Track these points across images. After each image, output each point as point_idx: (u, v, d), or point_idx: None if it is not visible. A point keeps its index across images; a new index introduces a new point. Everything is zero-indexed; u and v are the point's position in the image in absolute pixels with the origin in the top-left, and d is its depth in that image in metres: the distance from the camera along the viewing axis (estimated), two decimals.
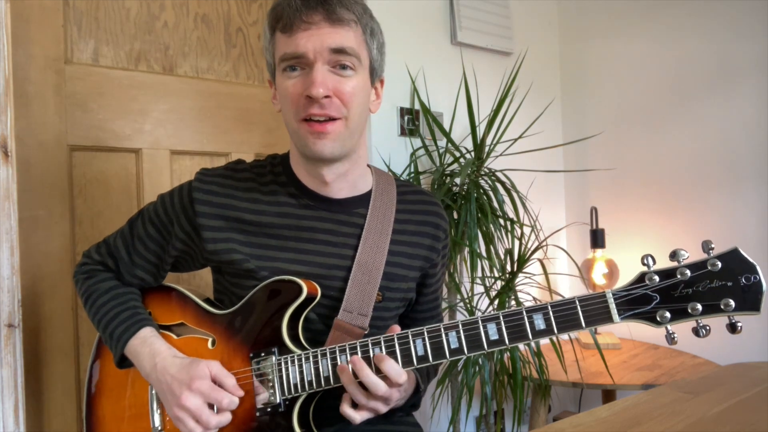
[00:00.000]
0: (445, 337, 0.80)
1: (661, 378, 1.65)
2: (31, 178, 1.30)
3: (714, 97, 1.98)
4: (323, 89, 0.83)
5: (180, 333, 0.98)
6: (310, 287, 0.89)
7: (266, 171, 0.99)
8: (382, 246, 0.95)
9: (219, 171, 0.98)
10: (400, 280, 0.98)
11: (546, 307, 0.77)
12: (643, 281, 0.73)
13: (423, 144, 1.87)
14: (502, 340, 0.78)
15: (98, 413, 1.00)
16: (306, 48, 0.84)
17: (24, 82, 1.30)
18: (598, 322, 0.75)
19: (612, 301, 0.74)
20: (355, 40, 0.87)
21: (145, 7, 1.48)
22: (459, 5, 2.00)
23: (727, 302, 0.69)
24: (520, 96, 1.92)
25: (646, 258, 0.75)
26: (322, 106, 0.85)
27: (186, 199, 0.95)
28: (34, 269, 1.30)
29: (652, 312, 0.72)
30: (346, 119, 0.87)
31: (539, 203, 2.07)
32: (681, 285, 0.71)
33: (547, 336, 0.77)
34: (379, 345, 0.83)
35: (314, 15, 0.83)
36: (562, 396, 2.33)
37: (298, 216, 0.94)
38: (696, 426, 0.79)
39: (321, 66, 0.84)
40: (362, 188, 0.99)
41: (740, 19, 1.90)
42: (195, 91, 1.54)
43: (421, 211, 1.02)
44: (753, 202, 1.89)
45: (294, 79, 0.86)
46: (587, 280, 2.10)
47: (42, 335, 1.31)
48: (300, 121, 0.87)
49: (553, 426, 0.82)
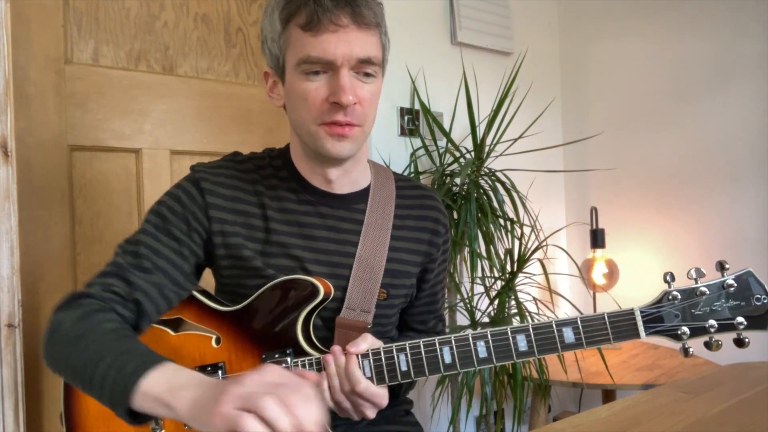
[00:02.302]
0: (473, 346, 0.81)
1: (661, 378, 1.65)
2: (31, 178, 1.30)
3: (714, 97, 1.98)
4: (352, 96, 0.82)
5: (178, 329, 0.96)
6: (326, 287, 0.88)
7: (266, 164, 0.97)
8: (383, 240, 0.94)
9: (220, 163, 0.95)
10: (403, 276, 0.97)
11: (576, 321, 0.78)
12: (667, 299, 0.78)
13: (423, 144, 1.87)
14: (532, 351, 0.79)
15: (81, 408, 0.98)
16: (335, 55, 0.81)
17: (24, 82, 1.30)
18: (624, 338, 0.78)
19: (640, 318, 0.77)
20: (377, 45, 0.86)
21: (145, 7, 1.48)
22: (459, 5, 2.00)
23: (739, 320, 0.76)
24: (520, 96, 1.92)
25: (667, 275, 0.79)
26: (347, 113, 0.83)
27: (195, 191, 0.91)
28: (34, 269, 1.30)
29: (674, 329, 0.77)
30: (363, 126, 0.87)
31: (539, 203, 2.07)
32: (700, 304, 0.77)
33: (576, 349, 0.79)
34: (403, 351, 0.82)
35: (342, 16, 0.80)
36: (562, 396, 2.33)
37: (298, 212, 0.93)
38: (696, 426, 0.79)
39: (347, 72, 0.82)
40: (362, 183, 0.98)
41: (740, 20, 1.90)
42: (195, 91, 1.54)
43: (419, 206, 1.01)
44: (752, 201, 1.89)
45: (317, 83, 0.83)
46: (587, 280, 2.10)
47: (42, 335, 1.30)
48: (320, 125, 0.85)
49: (553, 426, 0.82)
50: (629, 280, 2.13)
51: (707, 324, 0.76)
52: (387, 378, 0.82)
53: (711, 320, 0.76)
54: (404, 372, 0.82)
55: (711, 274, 0.78)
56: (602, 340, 0.78)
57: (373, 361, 0.82)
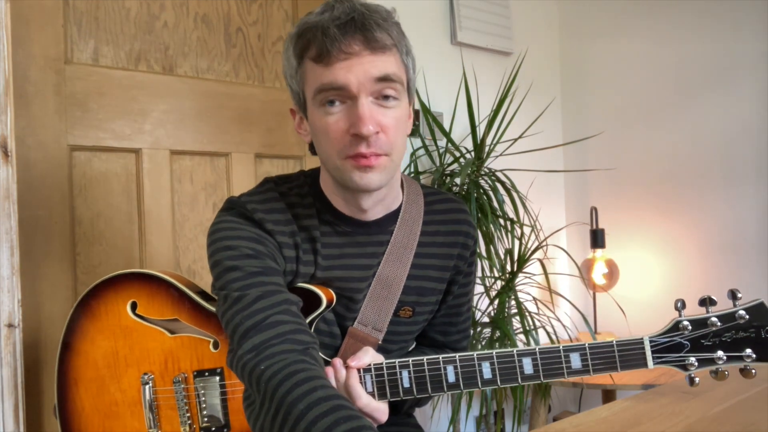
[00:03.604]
0: (478, 367, 0.80)
1: (661, 378, 1.65)
2: (31, 178, 1.30)
3: (713, 97, 1.98)
4: (373, 126, 0.77)
5: (174, 330, 0.96)
6: (328, 295, 0.87)
7: (305, 192, 0.92)
8: (405, 260, 0.92)
9: (261, 191, 0.89)
10: (430, 293, 0.95)
11: (584, 347, 0.78)
12: (677, 329, 0.77)
13: (423, 144, 1.87)
14: (537, 375, 0.79)
15: (76, 405, 0.98)
16: (348, 79, 0.76)
17: (24, 82, 1.29)
18: (632, 367, 0.77)
19: (649, 348, 0.77)
20: (396, 64, 0.80)
21: (145, 7, 1.48)
22: (459, 5, 2.00)
23: (748, 352, 0.75)
24: (520, 96, 1.92)
25: (678, 303, 0.78)
26: (369, 143, 0.78)
27: (252, 222, 0.86)
28: (34, 269, 1.30)
29: (682, 359, 0.76)
30: (391, 155, 0.81)
31: (539, 203, 2.07)
32: (710, 335, 0.76)
33: (582, 375, 0.79)
34: (407, 367, 0.81)
35: (353, 43, 0.76)
36: (562, 396, 2.33)
37: (334, 244, 0.90)
38: (696, 426, 0.79)
39: (365, 99, 0.77)
40: (394, 206, 0.94)
41: (740, 19, 1.90)
42: (195, 91, 1.54)
43: (450, 221, 0.97)
44: (752, 201, 1.89)
45: (335, 115, 0.79)
46: (587, 280, 2.10)
47: (42, 335, 1.30)
48: (344, 158, 0.80)
49: (553, 426, 0.82)
50: (629, 280, 2.13)
51: (715, 356, 0.75)
52: (389, 393, 0.81)
53: (720, 351, 0.75)
54: (407, 389, 0.81)
55: (722, 301, 0.77)
56: (609, 368, 0.77)
57: (376, 375, 0.81)
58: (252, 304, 0.78)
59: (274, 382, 0.70)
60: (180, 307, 0.97)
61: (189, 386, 0.97)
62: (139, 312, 0.99)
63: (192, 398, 0.97)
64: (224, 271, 0.81)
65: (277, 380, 0.70)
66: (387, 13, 0.81)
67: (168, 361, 0.97)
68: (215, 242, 0.84)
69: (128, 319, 0.99)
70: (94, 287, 1.02)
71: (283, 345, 0.75)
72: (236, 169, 1.61)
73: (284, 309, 0.78)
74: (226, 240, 0.83)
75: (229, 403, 0.96)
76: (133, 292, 1.00)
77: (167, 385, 0.97)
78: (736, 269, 1.94)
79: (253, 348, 0.75)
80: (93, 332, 1.00)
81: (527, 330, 1.65)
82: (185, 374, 0.97)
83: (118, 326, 0.99)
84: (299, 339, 0.77)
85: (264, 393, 0.71)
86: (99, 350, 0.99)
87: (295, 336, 0.77)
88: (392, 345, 0.95)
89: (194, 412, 0.96)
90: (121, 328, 0.99)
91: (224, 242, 0.83)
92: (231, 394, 0.96)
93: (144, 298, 0.99)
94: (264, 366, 0.72)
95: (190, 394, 0.97)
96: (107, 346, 0.99)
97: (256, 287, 0.79)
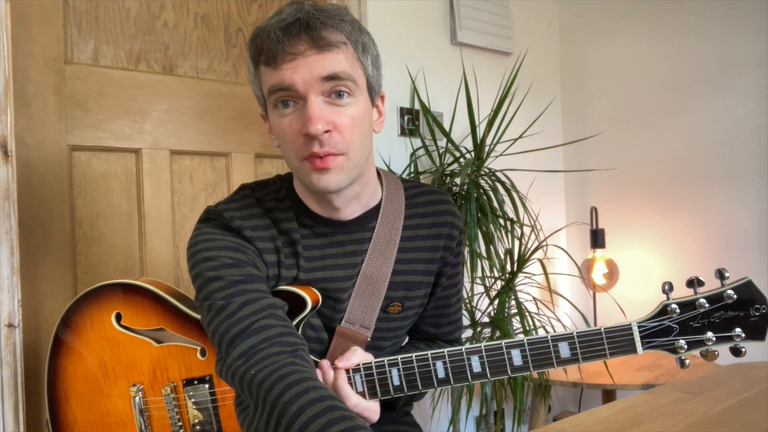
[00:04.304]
0: (467, 361, 0.80)
1: (661, 378, 1.65)
2: (31, 178, 1.30)
3: (713, 97, 1.98)
4: (321, 125, 0.76)
5: (160, 339, 0.95)
6: (313, 296, 0.87)
7: (282, 196, 0.92)
8: (389, 255, 0.92)
9: (238, 198, 0.89)
10: (418, 287, 0.95)
11: (572, 336, 0.77)
12: (665, 313, 0.76)
13: (423, 144, 1.87)
14: (527, 366, 0.79)
15: (68, 417, 0.98)
16: (293, 79, 0.76)
17: (24, 82, 1.30)
18: (621, 353, 0.77)
19: (637, 333, 0.76)
20: (347, 61, 0.79)
21: (145, 7, 1.48)
22: (459, 5, 2.00)
23: (737, 332, 0.74)
24: (520, 96, 1.92)
25: (665, 285, 0.77)
26: (322, 143, 0.78)
27: (230, 230, 0.85)
28: (34, 269, 1.30)
29: (672, 342, 0.76)
30: (347, 154, 0.81)
31: (539, 203, 2.07)
32: (699, 316, 0.76)
33: (572, 364, 0.78)
34: (396, 365, 0.81)
35: (298, 44, 0.76)
36: (562, 396, 2.33)
37: (315, 246, 0.90)
38: (696, 426, 0.79)
39: (315, 98, 0.77)
40: (373, 203, 0.93)
41: (740, 19, 1.90)
42: (195, 91, 1.54)
43: (433, 213, 0.97)
44: (752, 201, 1.89)
45: (288, 117, 0.80)
46: (587, 280, 2.10)
47: (42, 335, 1.30)
48: (302, 160, 0.80)
49: (553, 426, 0.82)
50: (629, 280, 2.13)
51: (704, 338, 0.75)
52: (379, 392, 0.82)
53: (709, 332, 0.75)
54: (397, 386, 0.81)
55: (710, 282, 0.76)
56: (599, 356, 0.77)
57: (365, 375, 0.81)
58: (237, 312, 0.78)
59: (266, 385, 0.70)
60: (164, 315, 0.96)
61: (179, 395, 0.96)
62: (124, 323, 0.98)
63: (183, 407, 0.96)
64: (206, 282, 0.81)
65: (269, 383, 0.70)
66: (338, 11, 0.81)
67: (156, 371, 0.97)
68: (195, 254, 0.84)
69: (114, 331, 0.98)
70: (76, 300, 1.01)
71: (272, 348, 0.75)
72: (236, 169, 1.61)
73: (270, 313, 0.79)
74: (205, 251, 0.83)
75: (220, 410, 0.95)
76: (117, 304, 0.99)
77: (157, 396, 0.97)
78: (736, 269, 1.93)
79: (241, 354, 0.75)
80: (80, 346, 0.99)
81: (527, 330, 1.65)
82: (174, 383, 0.96)
83: (104, 338, 0.98)
84: (287, 341, 0.77)
85: (257, 397, 0.71)
86: (88, 363, 0.99)
87: (283, 338, 0.77)
88: (384, 342, 0.95)
89: (186, 420, 0.96)
90: (108, 340, 0.98)
91: (204, 254, 0.83)
92: (221, 401, 0.95)
93: (128, 309, 0.98)
94: (254, 371, 0.72)
95: (181, 403, 0.96)
96: (95, 359, 0.98)
97: (240, 295, 0.79)
